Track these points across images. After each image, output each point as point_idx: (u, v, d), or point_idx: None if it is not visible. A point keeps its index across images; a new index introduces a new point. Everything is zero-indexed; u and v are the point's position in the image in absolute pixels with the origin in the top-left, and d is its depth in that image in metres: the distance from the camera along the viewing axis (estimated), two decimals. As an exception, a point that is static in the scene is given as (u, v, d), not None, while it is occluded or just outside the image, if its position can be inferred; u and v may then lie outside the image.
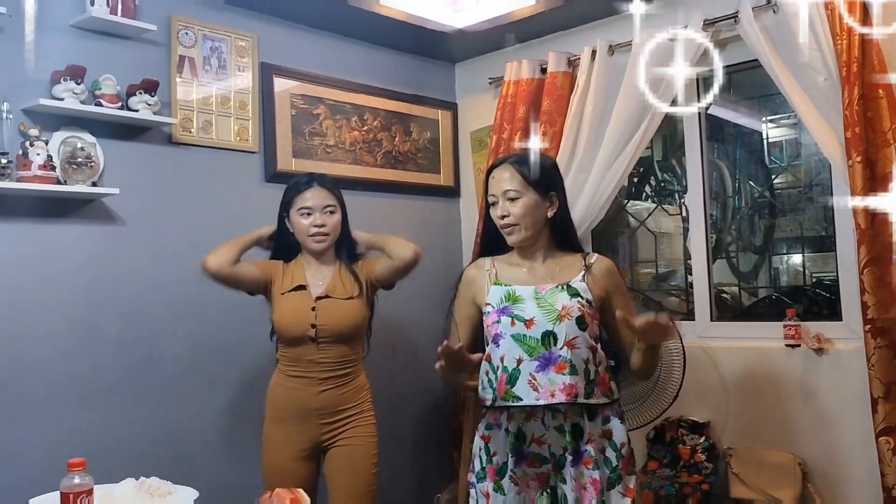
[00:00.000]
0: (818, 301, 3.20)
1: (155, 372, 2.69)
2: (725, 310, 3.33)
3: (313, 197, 2.36)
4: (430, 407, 3.60)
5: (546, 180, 2.02)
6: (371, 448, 2.43)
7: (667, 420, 2.95)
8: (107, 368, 2.57)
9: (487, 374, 2.00)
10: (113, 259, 2.62)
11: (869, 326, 2.46)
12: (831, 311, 2.93)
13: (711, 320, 3.13)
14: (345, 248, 2.48)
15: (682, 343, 2.76)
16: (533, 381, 1.91)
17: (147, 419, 2.65)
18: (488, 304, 2.01)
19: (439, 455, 3.60)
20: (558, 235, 2.07)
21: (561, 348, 1.91)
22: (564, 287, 1.97)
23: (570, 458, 1.93)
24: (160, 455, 2.61)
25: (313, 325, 2.33)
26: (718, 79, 2.92)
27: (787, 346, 2.81)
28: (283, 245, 2.46)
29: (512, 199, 1.98)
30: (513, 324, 1.95)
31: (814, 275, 3.32)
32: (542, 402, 1.90)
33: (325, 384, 2.35)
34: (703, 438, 2.91)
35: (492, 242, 2.10)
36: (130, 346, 2.64)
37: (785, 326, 2.81)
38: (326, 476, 2.42)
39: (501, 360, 1.95)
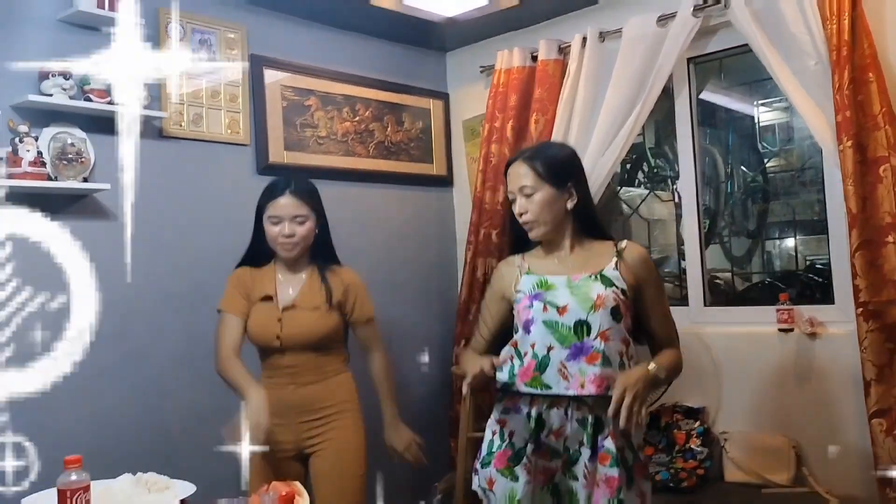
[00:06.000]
0: (811, 285, 3.21)
1: (149, 366, 2.69)
2: (719, 295, 3.34)
3: (283, 206, 2.28)
4: (426, 396, 3.61)
5: (562, 172, 1.96)
6: (357, 452, 2.37)
7: (662, 406, 2.97)
8: (101, 363, 2.56)
9: (512, 359, 1.96)
10: (105, 254, 2.61)
11: (861, 310, 2.47)
12: (824, 294, 2.94)
13: (705, 305, 3.14)
14: (320, 255, 2.41)
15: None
16: (563, 370, 1.87)
17: (141, 414, 2.66)
18: (519, 290, 1.98)
19: (436, 445, 3.60)
20: (583, 224, 2.02)
21: (594, 339, 1.87)
22: (598, 276, 1.92)
23: (587, 452, 1.89)
24: (156, 450, 2.62)
25: (278, 337, 2.30)
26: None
27: (780, 330, 2.82)
28: (259, 246, 2.38)
29: (528, 196, 1.95)
30: (545, 309, 1.91)
31: (807, 259, 3.33)
32: (571, 392, 1.87)
33: (298, 382, 2.33)
34: (697, 423, 2.92)
35: (519, 238, 2.05)
36: (124, 341, 2.64)
37: (778, 311, 2.82)
38: (312, 484, 2.35)
39: (532, 346, 1.92)
